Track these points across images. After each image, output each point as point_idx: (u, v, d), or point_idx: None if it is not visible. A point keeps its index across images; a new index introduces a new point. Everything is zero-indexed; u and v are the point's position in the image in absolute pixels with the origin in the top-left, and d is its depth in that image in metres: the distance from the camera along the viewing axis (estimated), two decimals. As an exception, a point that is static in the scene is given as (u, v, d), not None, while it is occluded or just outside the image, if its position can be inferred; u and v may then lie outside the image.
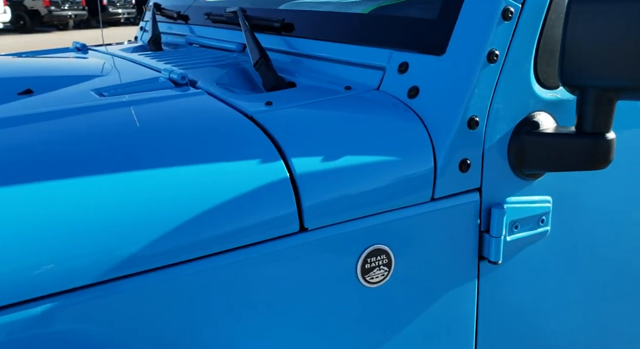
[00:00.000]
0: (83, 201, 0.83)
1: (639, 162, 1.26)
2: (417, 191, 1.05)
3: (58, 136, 1.00)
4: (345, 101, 1.14)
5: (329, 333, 1.02)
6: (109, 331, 0.83)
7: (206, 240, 0.88)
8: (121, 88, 1.28)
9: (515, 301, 1.22)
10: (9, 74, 1.46)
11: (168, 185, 0.88)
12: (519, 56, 1.08)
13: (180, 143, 0.97)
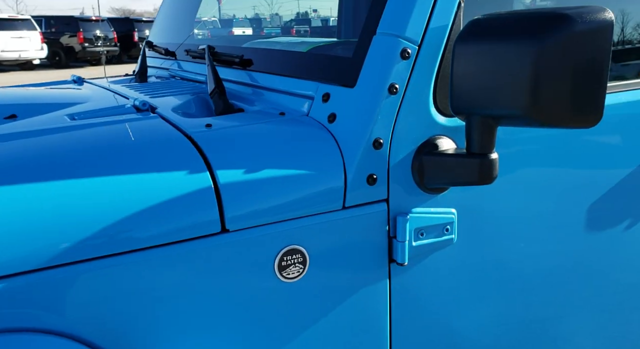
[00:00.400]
0: (27, 203, 1.03)
1: (533, 177, 1.43)
2: (329, 200, 1.24)
3: (21, 150, 1.21)
4: (275, 124, 1.34)
5: (249, 323, 1.20)
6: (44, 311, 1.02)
7: (138, 236, 1.08)
8: (91, 113, 1.50)
9: (428, 301, 1.39)
10: (3, 102, 1.69)
11: (106, 190, 1.08)
12: (418, 89, 1.27)
13: (122, 156, 1.17)
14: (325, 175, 1.23)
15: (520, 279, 1.48)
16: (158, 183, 1.11)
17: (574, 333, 1.60)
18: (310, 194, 1.22)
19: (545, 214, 1.46)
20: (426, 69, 1.27)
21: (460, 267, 1.40)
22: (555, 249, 1.50)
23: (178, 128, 1.30)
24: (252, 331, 1.21)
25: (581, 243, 1.53)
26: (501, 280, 1.46)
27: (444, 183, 1.29)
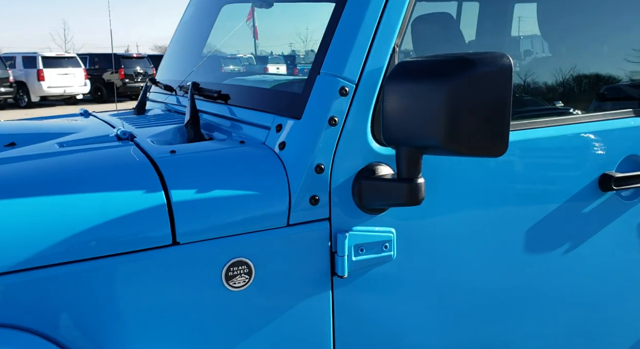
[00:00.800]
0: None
1: (470, 202, 1.56)
2: (274, 218, 1.39)
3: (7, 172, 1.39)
4: (232, 151, 1.50)
5: (198, 328, 1.35)
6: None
7: (96, 247, 1.24)
8: (78, 142, 1.69)
9: (369, 312, 1.52)
10: (7, 132, 1.89)
11: (70, 205, 1.25)
12: (356, 121, 1.42)
13: (90, 177, 1.34)
14: (272, 195, 1.38)
15: (458, 294, 1.60)
16: (117, 200, 1.28)
17: (512, 344, 1.71)
18: (257, 212, 1.37)
19: (479, 234, 1.59)
20: (363, 104, 1.43)
21: (400, 281, 1.52)
22: (491, 268, 1.62)
23: (146, 154, 1.47)
24: (200, 335, 1.36)
25: (515, 262, 1.64)
26: (439, 295, 1.58)
27: (380, 205, 1.43)
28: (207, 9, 2.56)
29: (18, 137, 1.83)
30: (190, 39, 2.58)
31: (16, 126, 2.11)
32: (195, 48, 2.54)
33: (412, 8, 1.50)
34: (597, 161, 1.70)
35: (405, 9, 1.47)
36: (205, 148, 1.53)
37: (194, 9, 2.67)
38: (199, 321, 1.35)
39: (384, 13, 1.45)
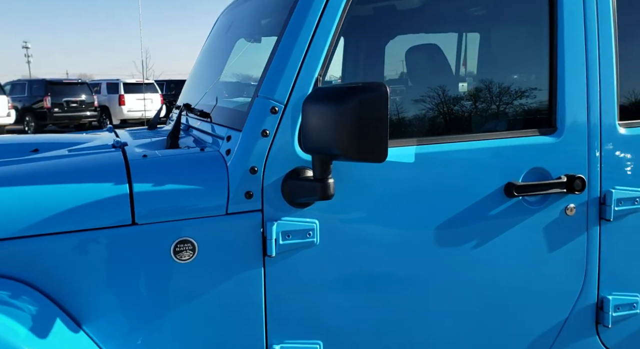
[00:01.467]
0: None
1: (385, 199, 1.88)
2: (215, 207, 1.76)
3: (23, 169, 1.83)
4: (189, 156, 1.89)
5: (150, 290, 1.73)
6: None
7: (74, 223, 1.65)
8: (84, 149, 2.12)
9: (296, 287, 1.86)
10: (36, 141, 2.35)
11: (57, 192, 1.66)
12: (285, 134, 1.79)
13: (77, 173, 1.75)
14: (213, 190, 1.76)
15: (371, 275, 1.92)
16: (93, 190, 1.69)
17: (420, 321, 2.01)
18: (201, 202, 1.75)
19: (393, 227, 1.91)
20: (291, 121, 1.79)
21: (322, 263, 1.86)
22: (402, 256, 1.93)
23: (125, 158, 1.88)
24: (151, 295, 1.74)
25: (422, 251, 1.95)
26: (355, 274, 1.91)
27: (303, 199, 1.79)
28: (219, 43, 2.96)
29: (43, 146, 2.28)
30: (204, 69, 3.00)
31: (45, 137, 2.58)
32: (206, 76, 2.95)
33: (333, 48, 1.85)
34: (504, 171, 2.00)
35: (326, 48, 1.83)
36: (170, 154, 1.92)
37: (210, 42, 3.09)
38: (151, 284, 1.73)
39: (308, 50, 1.82)
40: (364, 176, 1.86)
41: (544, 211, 2.05)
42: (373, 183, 1.88)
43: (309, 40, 1.82)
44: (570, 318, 2.14)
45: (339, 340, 1.92)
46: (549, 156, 2.04)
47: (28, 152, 2.23)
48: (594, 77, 2.07)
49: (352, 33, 2.28)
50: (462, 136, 2.02)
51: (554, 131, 2.05)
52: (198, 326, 1.79)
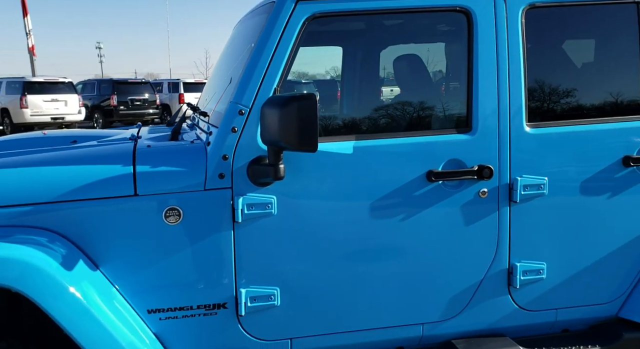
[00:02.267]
0: (32, 172, 2.27)
1: (330, 180, 2.44)
2: (196, 184, 2.35)
3: (63, 153, 2.47)
4: (181, 147, 2.49)
5: (146, 245, 2.33)
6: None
7: (94, 192, 2.27)
8: (108, 141, 2.76)
9: (259, 247, 2.43)
10: (76, 135, 3.01)
11: (85, 169, 2.29)
12: (249, 130, 2.37)
13: (100, 157, 2.38)
14: (195, 172, 2.35)
15: (319, 240, 2.47)
16: (108, 170, 2.31)
17: (357, 276, 2.55)
18: (185, 180, 2.34)
19: (336, 203, 2.46)
20: (254, 120, 2.37)
21: (278, 229, 2.43)
22: (342, 225, 2.48)
23: (135, 147, 2.49)
24: (147, 249, 2.34)
25: (360, 222, 2.50)
26: (305, 238, 2.46)
27: (262, 180, 2.36)
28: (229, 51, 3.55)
29: (80, 138, 2.94)
30: (217, 73, 3.59)
31: (83, 132, 3.24)
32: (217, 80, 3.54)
33: (289, 66, 2.42)
34: (427, 161, 2.52)
35: (282, 67, 2.40)
36: (168, 145, 2.53)
37: (225, 50, 3.69)
38: (147, 239, 2.34)
39: (268, 68, 2.39)
40: (313, 163, 2.42)
41: (461, 194, 2.56)
42: (321, 169, 2.43)
43: (269, 60, 2.39)
44: (485, 279, 2.64)
45: (292, 287, 2.48)
46: (465, 150, 2.55)
47: (69, 143, 2.88)
48: (504, 88, 2.56)
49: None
50: (395, 133, 2.56)
51: (469, 130, 2.56)
52: (182, 273, 2.38)
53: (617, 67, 2.78)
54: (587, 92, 2.74)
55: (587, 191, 2.64)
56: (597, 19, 2.72)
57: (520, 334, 2.75)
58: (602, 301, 2.78)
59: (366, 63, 2.99)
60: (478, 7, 2.54)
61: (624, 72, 2.76)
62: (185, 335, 2.42)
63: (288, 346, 2.53)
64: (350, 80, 3.06)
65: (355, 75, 3.03)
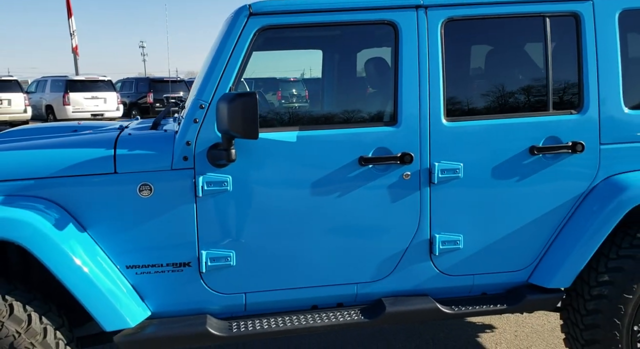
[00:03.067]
0: (36, 153, 2.84)
1: (275, 164, 2.95)
2: (164, 165, 2.89)
3: (60, 140, 3.04)
4: (155, 135, 3.03)
5: (123, 214, 2.87)
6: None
7: (80, 169, 2.83)
8: (101, 130, 3.32)
9: (217, 217, 2.96)
10: (80, 126, 3.58)
11: (75, 152, 2.85)
12: (208, 121, 2.89)
13: (90, 142, 2.94)
14: (164, 155, 2.89)
15: (269, 212, 2.98)
16: (94, 152, 2.86)
17: (300, 242, 3.05)
18: (155, 162, 2.88)
19: (282, 181, 2.97)
20: (213, 113, 2.89)
21: (233, 202, 2.95)
22: (287, 200, 2.99)
23: (118, 135, 3.04)
24: (124, 217, 2.88)
25: (301, 197, 3.00)
26: (258, 211, 2.96)
27: (219, 162, 2.88)
28: None
29: (80, 128, 3.51)
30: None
31: (83, 123, 3.82)
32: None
33: (242, 68, 2.94)
34: (359, 148, 3.01)
35: (237, 68, 2.92)
36: (145, 133, 3.08)
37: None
38: (123, 209, 2.88)
39: (224, 71, 2.91)
40: (263, 149, 2.93)
41: (387, 176, 3.05)
42: (269, 155, 2.94)
43: (225, 63, 2.92)
44: (409, 248, 3.12)
45: (245, 250, 3.00)
46: (391, 140, 3.03)
47: (70, 131, 3.46)
48: (425, 89, 3.04)
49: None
50: (333, 125, 3.06)
51: (395, 123, 3.05)
52: (153, 237, 2.92)
53: (523, 70, 3.24)
54: (498, 92, 3.20)
55: (498, 175, 3.10)
56: (505, 29, 3.18)
57: (442, 295, 3.22)
58: (514, 269, 3.23)
59: (312, 67, 3.51)
60: (403, 20, 3.02)
61: (529, 75, 3.22)
62: (157, 287, 2.96)
63: (243, 299, 3.05)
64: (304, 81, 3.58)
65: (303, 77, 3.55)
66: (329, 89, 3.93)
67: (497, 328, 4.54)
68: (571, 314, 3.25)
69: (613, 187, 3.11)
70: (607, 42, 3.14)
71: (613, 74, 3.14)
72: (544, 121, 3.12)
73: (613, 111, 3.15)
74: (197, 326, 2.92)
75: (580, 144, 3.10)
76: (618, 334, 3.05)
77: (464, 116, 3.12)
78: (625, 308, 3.03)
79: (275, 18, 2.95)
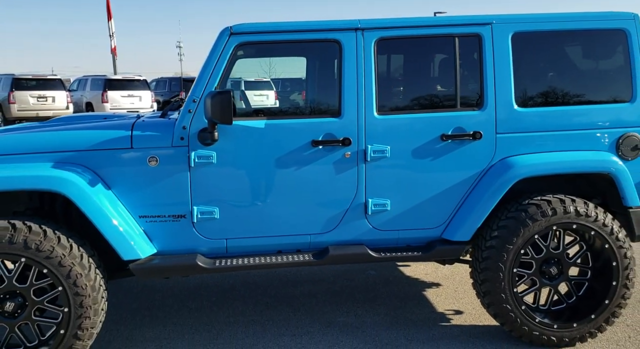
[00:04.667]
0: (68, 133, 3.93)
1: (247, 144, 4.00)
2: (167, 143, 3.94)
3: (96, 124, 4.13)
4: (164, 120, 4.09)
5: (137, 180, 3.94)
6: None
7: (104, 145, 3.90)
8: (125, 118, 4.40)
9: (205, 181, 4.00)
10: (107, 115, 4.68)
11: (103, 132, 3.93)
12: (199, 112, 3.94)
13: (115, 126, 4.02)
14: (166, 135, 3.94)
15: (244, 180, 4.01)
16: (117, 133, 3.93)
17: (273, 208, 4.08)
18: (161, 141, 3.94)
19: (253, 157, 4.01)
20: (202, 106, 3.95)
21: (217, 171, 3.98)
22: (257, 171, 4.02)
23: (135, 121, 4.11)
24: (138, 182, 3.95)
25: (272, 172, 4.03)
26: (236, 178, 4.00)
27: (207, 142, 3.93)
28: None
29: (110, 117, 4.61)
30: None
31: (111, 113, 4.91)
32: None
33: (226, 73, 3.98)
34: (312, 134, 4.03)
35: (220, 74, 3.96)
36: (155, 120, 4.14)
37: None
38: (136, 175, 3.93)
39: (212, 75, 3.96)
40: (240, 133, 3.96)
41: (333, 155, 4.05)
42: (244, 137, 3.97)
43: (212, 70, 3.96)
44: (349, 209, 4.13)
45: (226, 208, 4.03)
46: (336, 128, 4.03)
47: (101, 119, 4.55)
48: (361, 90, 4.04)
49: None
50: (292, 115, 4.10)
51: (339, 115, 4.06)
52: (159, 195, 3.97)
53: (438, 77, 4.23)
54: (418, 93, 4.20)
55: (417, 155, 4.09)
56: (424, 46, 4.17)
57: (375, 245, 4.20)
58: (430, 227, 4.21)
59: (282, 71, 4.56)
60: (345, 39, 4.03)
61: (443, 81, 4.21)
62: (161, 232, 4.01)
63: (224, 243, 4.09)
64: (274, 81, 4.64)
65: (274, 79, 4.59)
66: (292, 89, 4.96)
67: (442, 285, 5.52)
68: (474, 262, 4.23)
69: (505, 166, 4.08)
70: (502, 57, 4.10)
71: (506, 80, 4.10)
72: (453, 115, 4.10)
73: (506, 108, 4.11)
74: (189, 260, 3.97)
75: (479, 133, 4.07)
76: (502, 275, 4.02)
77: (391, 111, 4.11)
78: (507, 255, 4.00)
79: (251, 36, 3.99)
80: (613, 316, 4.13)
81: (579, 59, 4.28)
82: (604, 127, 4.16)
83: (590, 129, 4.16)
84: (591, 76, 4.27)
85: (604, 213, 4.06)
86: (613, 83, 4.21)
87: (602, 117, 4.15)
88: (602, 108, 4.17)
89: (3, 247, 3.53)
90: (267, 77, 26.58)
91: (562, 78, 4.21)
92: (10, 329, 3.70)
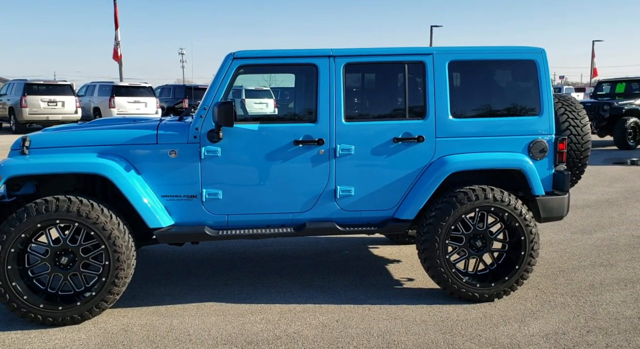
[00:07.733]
0: (103, 132, 5.17)
1: (245, 141, 5.23)
2: (184, 140, 5.16)
3: (128, 125, 5.37)
4: (181, 123, 5.33)
5: (159, 167, 5.17)
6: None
7: (134, 141, 5.14)
8: (151, 121, 5.64)
9: (213, 170, 5.22)
10: (136, 118, 5.92)
11: (133, 131, 5.17)
12: (209, 117, 5.16)
13: (143, 127, 5.26)
14: (182, 134, 5.16)
15: (243, 169, 5.24)
16: (145, 132, 5.16)
17: (264, 191, 5.31)
18: (180, 138, 5.17)
19: (249, 151, 5.24)
20: (210, 112, 5.19)
21: (222, 162, 5.19)
22: (253, 163, 5.26)
23: (159, 123, 5.34)
24: (160, 171, 5.18)
25: (263, 164, 5.26)
26: (237, 168, 5.22)
27: (214, 139, 5.16)
28: None
29: (138, 120, 5.85)
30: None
31: (141, 117, 6.14)
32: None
33: (229, 88, 5.23)
34: (294, 135, 5.26)
35: (225, 89, 5.20)
36: (174, 123, 5.38)
37: None
38: (160, 163, 5.15)
39: (218, 89, 5.20)
40: (239, 133, 5.19)
41: (310, 152, 5.28)
42: (243, 137, 5.20)
43: (218, 85, 5.21)
44: (322, 194, 5.35)
45: (228, 190, 5.25)
46: (313, 130, 5.26)
47: (131, 121, 5.78)
48: (333, 103, 5.28)
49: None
50: (279, 120, 5.35)
51: (315, 121, 5.29)
52: (177, 180, 5.19)
53: (393, 94, 5.49)
54: (376, 105, 5.45)
55: (375, 153, 5.31)
56: (383, 69, 5.42)
57: (342, 223, 5.43)
58: (385, 208, 5.44)
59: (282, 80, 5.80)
60: (321, 64, 5.27)
61: (396, 97, 5.46)
62: (177, 208, 5.22)
63: (226, 218, 5.31)
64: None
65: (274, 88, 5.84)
66: (291, 98, 6.22)
67: (401, 262, 6.74)
68: (417, 236, 5.46)
69: (441, 163, 5.31)
70: (441, 79, 5.35)
71: (444, 97, 5.35)
72: (402, 123, 5.34)
73: (443, 118, 5.35)
74: (199, 229, 5.20)
75: (422, 137, 5.30)
76: (437, 245, 5.25)
77: (355, 118, 5.36)
78: (441, 230, 5.23)
79: (249, 60, 5.23)
80: (522, 278, 5.36)
81: (500, 81, 5.54)
82: (519, 134, 5.40)
83: (508, 136, 5.40)
84: (509, 95, 5.52)
85: (515, 199, 5.30)
86: (526, 101, 5.46)
87: (517, 126, 5.40)
88: (517, 120, 5.41)
89: (63, 215, 4.76)
90: (267, 86, 27.93)
91: (487, 96, 5.46)
92: (64, 277, 4.92)
